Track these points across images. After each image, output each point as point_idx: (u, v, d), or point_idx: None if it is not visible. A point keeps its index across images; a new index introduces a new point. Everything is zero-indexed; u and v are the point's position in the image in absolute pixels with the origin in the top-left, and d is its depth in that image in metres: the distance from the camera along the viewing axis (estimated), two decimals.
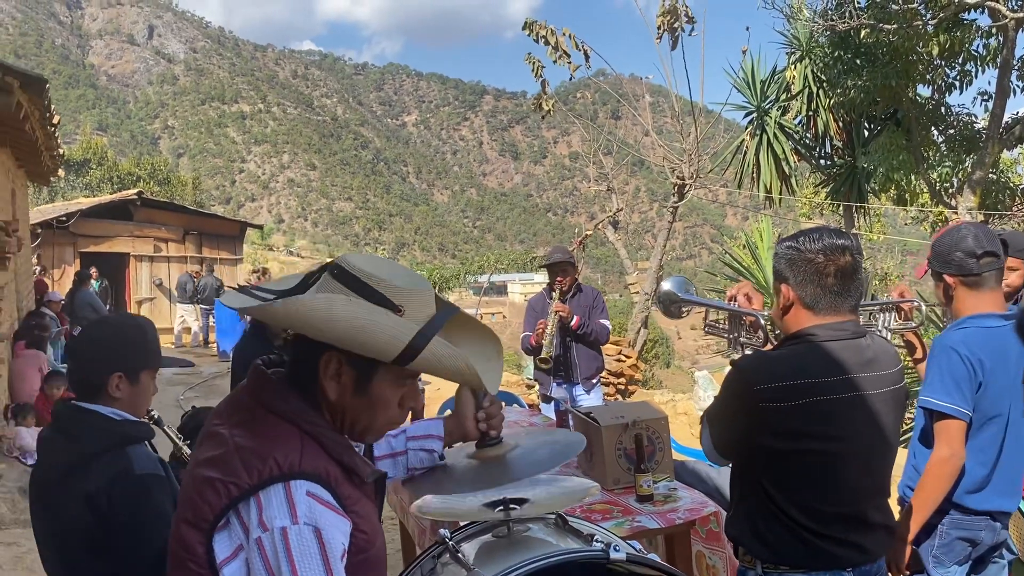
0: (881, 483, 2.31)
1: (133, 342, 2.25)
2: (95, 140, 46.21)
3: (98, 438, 2.12)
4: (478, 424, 1.86)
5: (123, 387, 2.19)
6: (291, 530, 1.27)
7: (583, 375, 5.89)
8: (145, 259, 19.35)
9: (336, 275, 1.42)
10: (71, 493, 2.05)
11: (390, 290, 1.40)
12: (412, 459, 1.90)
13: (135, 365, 2.23)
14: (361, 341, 1.35)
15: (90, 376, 2.19)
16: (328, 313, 1.31)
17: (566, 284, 5.85)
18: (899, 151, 11.17)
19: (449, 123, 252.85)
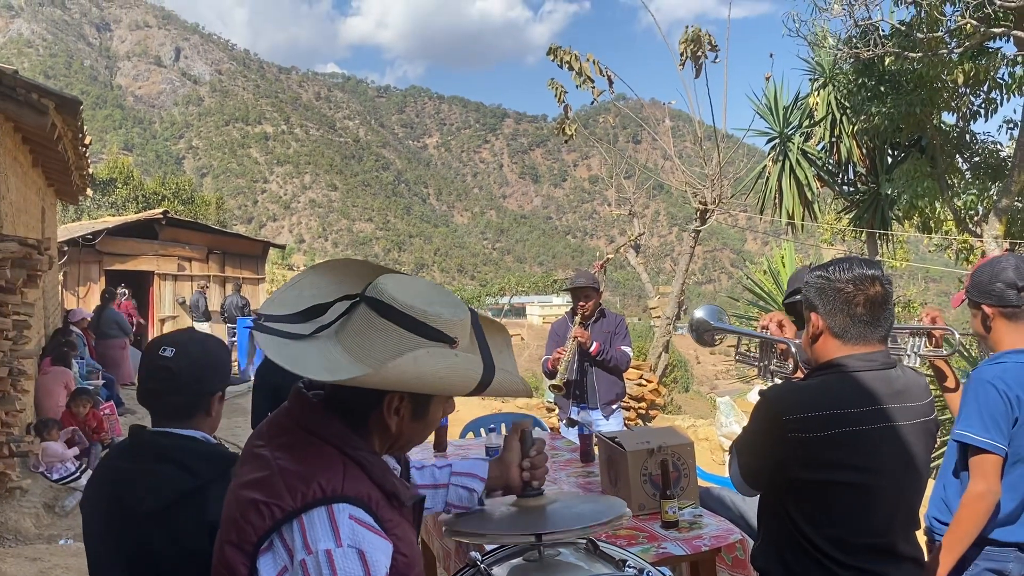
0: (910, 515, 2.30)
1: (226, 361, 2.28)
2: (121, 159, 46.90)
3: (211, 466, 2.09)
4: (522, 473, 1.87)
5: (217, 407, 2.21)
6: (336, 552, 1.29)
7: (602, 400, 5.87)
8: (169, 277, 19.55)
9: (379, 310, 1.42)
10: (189, 523, 2.01)
11: (443, 324, 1.43)
12: (452, 495, 1.91)
13: (225, 383, 2.25)
14: (440, 388, 1.43)
15: (195, 399, 2.16)
16: (416, 371, 1.35)
17: (588, 309, 5.82)
18: (923, 178, 11.12)
19: (470, 145, 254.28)
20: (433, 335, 1.41)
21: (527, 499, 1.87)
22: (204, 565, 1.98)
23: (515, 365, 1.76)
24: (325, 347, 1.44)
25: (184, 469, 2.08)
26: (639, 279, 13.76)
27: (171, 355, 2.13)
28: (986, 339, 2.78)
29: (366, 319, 1.44)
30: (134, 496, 2.09)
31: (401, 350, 1.38)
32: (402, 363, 1.33)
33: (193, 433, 2.15)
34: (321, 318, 1.48)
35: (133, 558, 2.10)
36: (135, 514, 2.08)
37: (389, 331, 1.41)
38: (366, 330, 1.43)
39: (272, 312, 1.47)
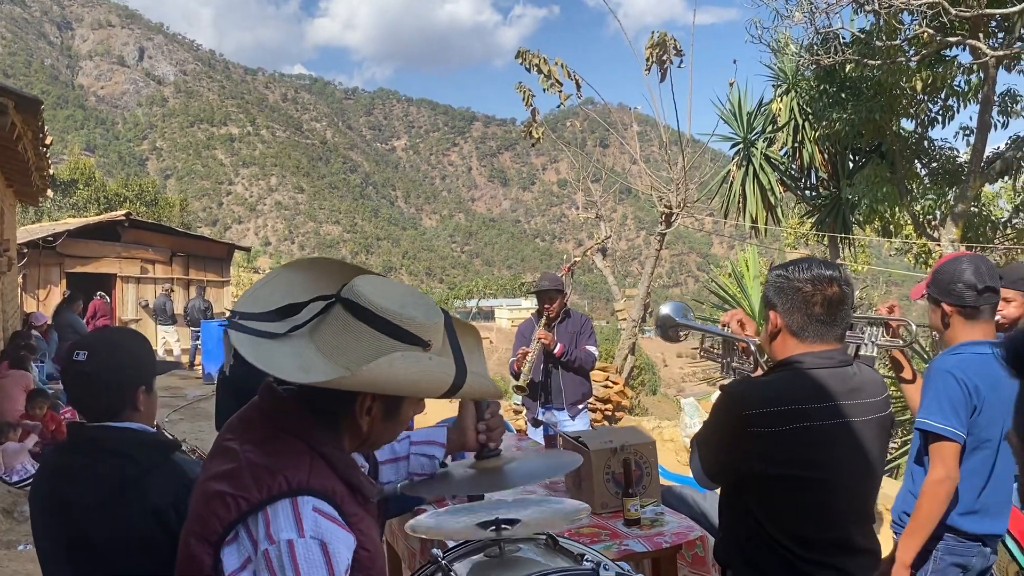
0: (866, 509, 2.35)
1: (144, 353, 2.27)
2: (83, 160, 46.12)
3: (149, 454, 2.11)
4: (478, 436, 1.89)
5: (144, 400, 2.19)
6: (298, 543, 1.30)
7: (568, 400, 5.91)
8: (132, 280, 19.29)
9: (355, 312, 1.43)
10: (132, 510, 2.03)
11: (417, 327, 1.44)
12: (414, 463, 1.93)
13: (149, 375, 2.24)
14: (413, 390, 1.45)
15: (117, 396, 2.15)
16: (389, 375, 1.36)
17: (554, 311, 5.88)
18: (883, 183, 11.35)
19: (438, 148, 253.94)
20: (407, 338, 1.42)
21: (485, 460, 1.89)
22: (150, 552, 1.98)
23: (485, 367, 1.78)
24: (299, 347, 1.45)
25: (124, 457, 2.09)
26: (606, 282, 13.84)
27: (84, 359, 2.13)
28: (943, 334, 2.88)
29: (341, 320, 1.44)
30: (76, 490, 2.09)
31: (375, 353, 1.39)
32: (377, 366, 1.34)
33: (129, 424, 2.16)
34: (295, 317, 1.48)
35: (78, 552, 2.10)
36: (78, 507, 2.08)
37: (364, 333, 1.42)
38: (341, 332, 1.44)
39: (246, 310, 1.46)
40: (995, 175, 11.71)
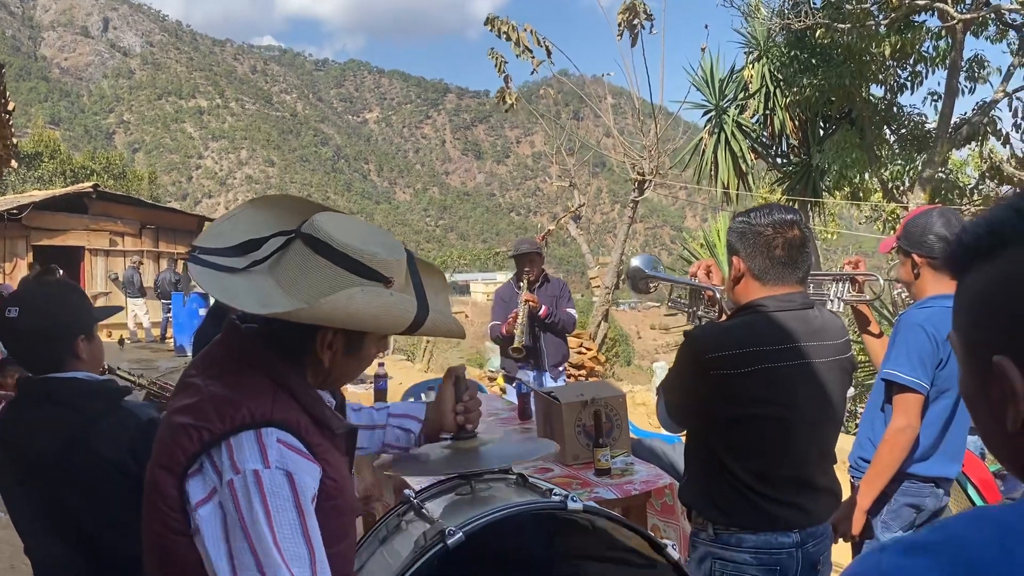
0: (827, 449, 2.42)
1: (79, 303, 2.27)
2: (47, 133, 45.22)
3: (98, 401, 2.11)
4: (456, 416, 1.91)
5: (86, 348, 2.19)
6: (263, 473, 1.31)
7: (551, 362, 6.03)
8: (101, 253, 19.05)
9: (315, 247, 1.43)
10: (84, 461, 2.03)
11: (378, 263, 1.44)
12: (389, 435, 1.94)
13: (88, 323, 2.24)
14: (373, 326, 1.45)
15: (54, 350, 2.15)
16: (348, 309, 1.36)
17: (533, 274, 5.95)
18: (853, 149, 11.45)
19: (411, 121, 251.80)
20: (368, 274, 1.43)
21: (461, 441, 1.92)
22: (115, 501, 2.00)
23: (450, 308, 1.80)
24: (259, 281, 1.45)
25: (71, 409, 2.09)
26: (581, 256, 13.88)
27: (16, 315, 2.12)
28: (912, 286, 2.92)
29: (301, 255, 1.44)
30: (29, 445, 2.10)
31: (335, 287, 1.39)
32: (335, 300, 1.35)
33: (75, 374, 2.16)
34: (255, 253, 1.48)
35: (42, 506, 2.11)
36: (35, 464, 2.09)
37: (324, 268, 1.42)
38: (300, 266, 1.44)
39: (207, 245, 1.46)
40: (962, 140, 11.86)
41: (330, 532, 1.40)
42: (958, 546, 0.74)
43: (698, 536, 2.40)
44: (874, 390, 3.00)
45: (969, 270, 0.81)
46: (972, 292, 0.80)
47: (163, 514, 1.37)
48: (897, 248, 2.96)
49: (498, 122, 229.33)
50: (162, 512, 1.37)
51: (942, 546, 0.75)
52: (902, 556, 0.76)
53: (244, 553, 1.30)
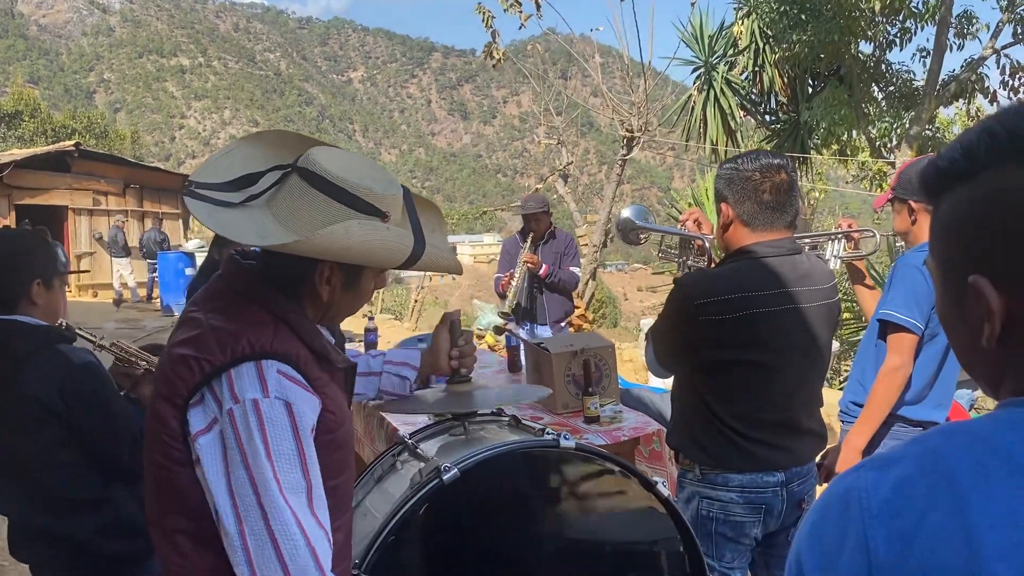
0: (813, 391, 2.47)
1: (40, 250, 2.30)
2: (27, 92, 44.42)
3: (27, 341, 2.15)
4: (451, 361, 1.92)
5: (42, 294, 2.23)
6: (262, 402, 1.33)
7: (552, 318, 6.05)
8: (84, 212, 18.86)
9: (311, 181, 1.43)
10: (13, 401, 2.08)
11: (374, 198, 1.44)
12: (385, 382, 1.96)
13: (48, 271, 2.27)
14: (370, 259, 1.46)
15: (8, 288, 2.20)
16: (345, 241, 1.37)
17: (540, 232, 5.96)
18: (841, 106, 11.44)
19: (396, 80, 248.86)
20: (365, 208, 1.43)
21: (456, 385, 1.94)
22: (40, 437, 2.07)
23: (447, 244, 1.81)
24: (256, 216, 1.45)
25: (2, 349, 2.13)
26: (569, 217, 13.86)
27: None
28: (909, 233, 2.95)
29: (298, 189, 1.44)
30: None
31: (332, 221, 1.40)
32: (333, 232, 1.36)
33: (15, 317, 2.19)
34: (252, 187, 1.48)
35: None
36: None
37: (320, 202, 1.42)
38: (297, 200, 1.44)
39: (203, 180, 1.46)
40: (950, 98, 11.87)
41: (329, 465, 1.43)
42: (932, 458, 0.76)
43: (685, 477, 2.45)
44: (866, 335, 3.05)
45: (944, 193, 0.82)
46: (947, 214, 0.82)
47: (165, 445, 1.39)
48: (893, 199, 2.99)
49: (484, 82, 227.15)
50: (164, 443, 1.39)
51: (916, 459, 0.77)
52: (877, 471, 0.78)
53: (242, 481, 1.32)
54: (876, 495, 0.75)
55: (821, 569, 0.78)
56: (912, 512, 0.73)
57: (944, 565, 0.70)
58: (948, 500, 0.72)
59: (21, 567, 2.22)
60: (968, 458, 0.74)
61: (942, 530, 0.71)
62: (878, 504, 0.75)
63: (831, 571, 0.77)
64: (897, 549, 0.72)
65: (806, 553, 0.81)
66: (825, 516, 0.80)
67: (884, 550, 0.73)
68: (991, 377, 0.82)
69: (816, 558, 0.79)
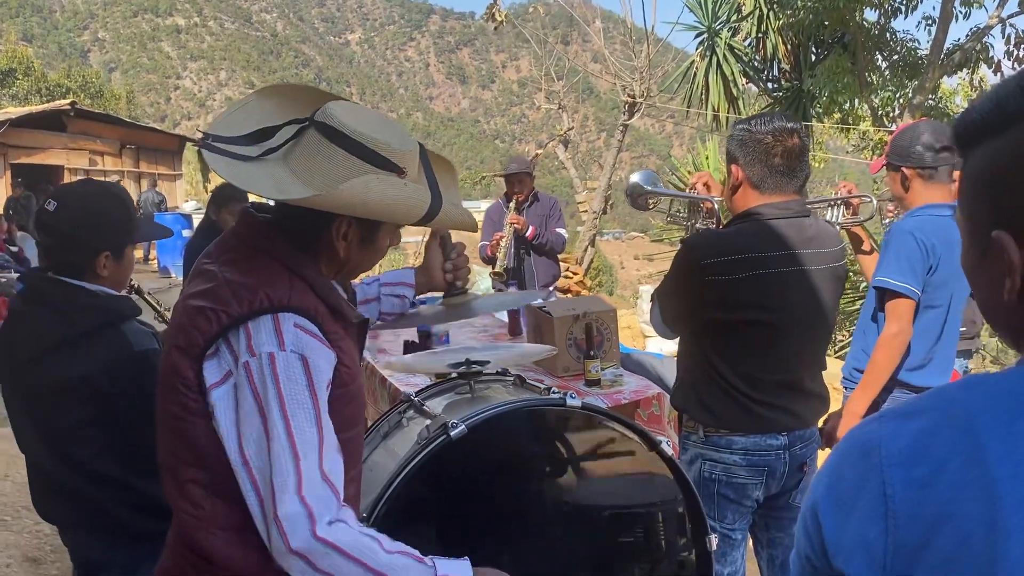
0: (817, 355, 2.48)
1: (118, 219, 2.17)
2: (20, 50, 43.95)
3: (90, 317, 2.06)
4: (445, 275, 1.91)
5: (109, 266, 2.12)
6: (278, 356, 1.33)
7: (540, 283, 6.00)
8: (80, 172, 18.74)
9: (328, 136, 1.42)
10: (63, 371, 2.02)
11: (392, 153, 1.43)
12: (385, 304, 1.95)
13: (121, 242, 2.15)
14: (387, 215, 1.45)
15: (75, 257, 2.09)
16: (364, 196, 1.36)
17: (523, 194, 5.89)
18: (844, 74, 11.35)
19: (394, 43, 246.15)
20: (382, 163, 1.42)
21: (453, 298, 1.92)
22: (82, 409, 2.04)
23: (460, 199, 1.80)
24: (273, 169, 1.44)
25: (62, 318, 2.06)
26: (568, 185, 13.81)
27: (53, 209, 2.07)
28: (903, 199, 2.95)
29: (315, 143, 1.43)
30: (23, 337, 2.11)
31: (349, 175, 1.39)
32: (352, 187, 1.35)
33: (84, 284, 2.10)
34: (268, 141, 1.47)
35: (23, 406, 2.14)
36: (23, 357, 2.10)
37: (338, 156, 1.41)
38: (315, 155, 1.43)
39: (220, 133, 1.45)
40: (954, 67, 11.78)
41: (341, 419, 1.43)
42: (952, 409, 0.77)
43: (688, 439, 2.47)
44: (866, 301, 3.06)
45: (974, 147, 0.82)
46: (976, 168, 0.82)
47: (180, 395, 1.39)
48: (887, 164, 2.98)
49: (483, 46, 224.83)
50: (179, 393, 1.40)
51: (936, 410, 0.78)
52: (898, 420, 0.79)
53: (254, 434, 1.33)
54: (896, 444, 0.76)
55: (838, 516, 0.79)
56: (931, 461, 0.74)
57: (961, 513, 0.71)
58: (967, 450, 0.73)
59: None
60: (989, 409, 0.75)
61: (961, 479, 0.72)
62: (897, 453, 0.76)
63: (848, 518, 0.78)
64: (915, 497, 0.73)
65: (823, 500, 0.82)
66: (844, 464, 0.81)
67: (901, 497, 0.74)
68: (1013, 330, 0.82)
69: (833, 505, 0.80)
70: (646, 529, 2.14)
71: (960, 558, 0.70)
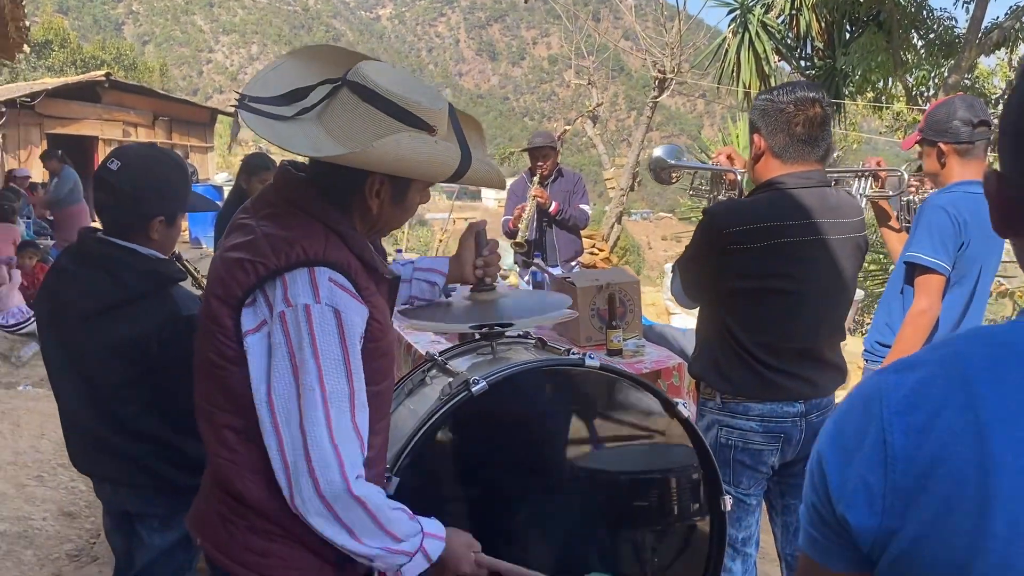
0: (836, 324, 2.49)
1: (176, 187, 2.22)
2: (56, 21, 44.41)
3: (142, 280, 2.11)
4: (476, 270, 1.97)
5: (161, 231, 2.17)
6: (313, 308, 1.39)
7: (562, 258, 6.02)
8: (114, 143, 18.90)
9: (361, 95, 1.46)
10: (114, 332, 2.08)
11: (423, 112, 1.48)
12: (415, 288, 2.01)
13: (175, 209, 2.21)
14: (419, 172, 1.50)
15: (131, 218, 2.14)
16: (396, 153, 1.41)
17: (547, 169, 5.88)
18: (878, 52, 11.17)
19: (425, 18, 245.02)
20: (413, 121, 1.46)
21: (481, 293, 1.99)
22: (129, 369, 2.10)
23: (488, 158, 1.85)
24: (308, 128, 1.49)
25: (115, 280, 2.11)
26: (597, 162, 13.76)
27: (115, 168, 2.11)
28: (938, 175, 2.93)
29: (348, 102, 1.48)
30: (71, 297, 2.16)
31: (382, 134, 1.43)
32: (384, 144, 1.40)
33: (136, 247, 2.14)
34: (302, 101, 1.51)
35: (74, 359, 2.18)
36: (72, 316, 2.15)
37: (370, 115, 1.46)
38: (348, 113, 1.48)
39: (255, 94, 1.49)
40: (992, 46, 11.54)
41: (372, 372, 1.49)
42: (951, 359, 0.80)
43: (706, 405, 2.50)
44: (893, 275, 3.05)
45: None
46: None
47: (218, 342, 1.46)
48: (921, 140, 2.96)
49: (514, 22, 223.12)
50: (217, 340, 1.46)
51: (935, 362, 0.81)
52: (899, 373, 0.83)
53: (286, 382, 1.39)
54: (896, 394, 0.80)
55: (841, 463, 0.83)
56: (928, 408, 0.77)
57: (955, 455, 0.75)
58: (962, 397, 0.76)
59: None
60: (985, 358, 0.78)
61: (955, 424, 0.75)
62: (897, 402, 0.79)
63: (850, 464, 0.82)
64: (912, 442, 0.77)
65: (827, 448, 0.86)
66: (848, 414, 0.85)
67: (900, 443, 0.78)
68: None
69: (837, 452, 0.84)
70: (661, 491, 2.18)
71: (956, 496, 0.74)
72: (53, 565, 3.70)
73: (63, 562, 3.72)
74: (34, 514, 4.12)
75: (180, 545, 2.22)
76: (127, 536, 2.29)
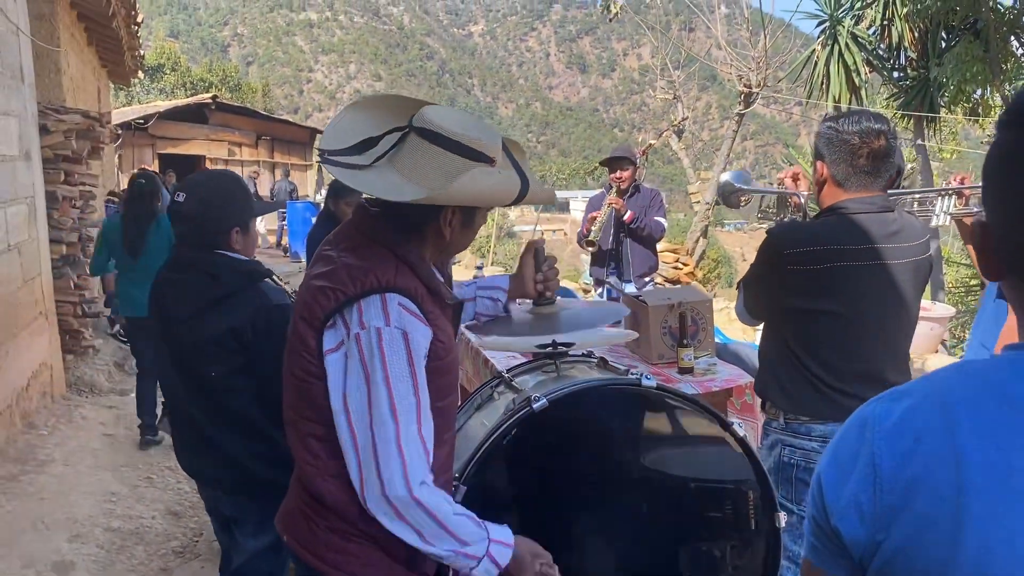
0: (897, 346, 2.51)
1: (239, 198, 2.53)
2: (168, 45, 46.87)
3: (236, 277, 2.40)
4: (536, 285, 2.08)
5: (239, 239, 2.46)
6: (384, 330, 1.57)
7: (636, 272, 6.04)
8: (220, 162, 19.97)
9: (428, 138, 1.64)
10: (217, 325, 2.35)
11: (483, 147, 1.66)
12: (480, 305, 2.15)
13: (245, 217, 2.50)
14: (490, 200, 1.72)
15: (211, 236, 2.42)
16: (472, 188, 1.60)
17: (625, 181, 5.92)
18: (974, 62, 10.76)
19: (516, 34, 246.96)
20: (476, 156, 1.64)
21: (541, 307, 2.10)
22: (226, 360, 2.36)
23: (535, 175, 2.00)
24: (385, 174, 1.68)
25: (211, 278, 2.38)
26: (683, 173, 13.71)
27: (183, 200, 2.40)
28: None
29: (417, 146, 1.66)
30: (173, 302, 2.44)
31: (451, 171, 1.61)
32: (462, 182, 1.58)
33: (224, 252, 2.42)
34: (374, 149, 1.70)
35: (177, 357, 2.46)
36: (175, 318, 2.43)
37: (438, 155, 1.64)
38: (417, 155, 1.66)
39: (331, 147, 1.69)
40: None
41: (436, 389, 1.66)
42: (937, 391, 0.89)
43: (770, 425, 2.56)
44: (985, 295, 3.03)
45: None
46: None
47: (304, 360, 1.65)
48: None
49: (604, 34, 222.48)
50: (303, 358, 1.66)
51: (923, 391, 0.90)
52: (891, 401, 0.93)
53: (360, 395, 1.57)
54: (887, 421, 0.90)
55: (837, 482, 0.93)
56: (912, 434, 0.88)
57: (935, 477, 0.85)
58: (943, 424, 0.86)
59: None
60: (967, 390, 0.88)
61: (936, 449, 0.85)
62: (887, 429, 0.90)
63: (845, 483, 0.92)
64: (898, 464, 0.87)
65: (826, 469, 0.97)
66: (844, 438, 0.96)
67: (887, 466, 0.88)
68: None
69: (833, 472, 0.95)
70: (715, 505, 2.26)
71: (934, 514, 0.84)
72: (161, 560, 4.01)
73: (170, 558, 4.04)
74: (144, 513, 4.46)
75: (272, 548, 2.43)
76: (229, 537, 2.55)
